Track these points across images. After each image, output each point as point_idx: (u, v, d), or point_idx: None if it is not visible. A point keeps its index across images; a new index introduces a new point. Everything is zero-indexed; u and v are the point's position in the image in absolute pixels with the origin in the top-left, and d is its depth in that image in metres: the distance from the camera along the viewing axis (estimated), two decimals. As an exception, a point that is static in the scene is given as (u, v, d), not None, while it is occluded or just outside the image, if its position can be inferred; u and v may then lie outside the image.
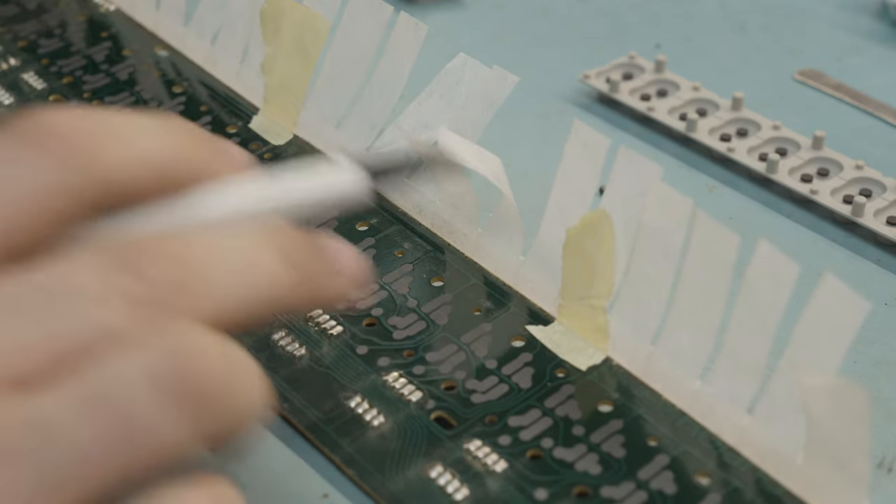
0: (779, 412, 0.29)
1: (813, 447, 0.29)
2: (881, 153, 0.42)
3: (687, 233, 0.30)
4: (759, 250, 0.29)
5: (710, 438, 0.31)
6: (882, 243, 0.39)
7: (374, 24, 0.38)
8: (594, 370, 0.32)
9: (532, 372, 0.32)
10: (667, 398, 0.32)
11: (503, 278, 0.35)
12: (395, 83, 0.38)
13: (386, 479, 0.30)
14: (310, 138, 0.40)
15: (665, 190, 0.31)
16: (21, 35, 0.46)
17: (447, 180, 0.36)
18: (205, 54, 0.44)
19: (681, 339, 0.31)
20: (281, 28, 0.40)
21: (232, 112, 0.42)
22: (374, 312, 0.34)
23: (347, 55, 0.39)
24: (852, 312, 0.27)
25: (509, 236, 0.35)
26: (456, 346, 0.33)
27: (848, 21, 0.50)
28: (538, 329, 0.34)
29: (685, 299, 0.31)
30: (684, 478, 0.30)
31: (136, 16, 0.46)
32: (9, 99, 0.43)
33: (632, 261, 0.32)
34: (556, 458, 0.30)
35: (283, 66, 0.40)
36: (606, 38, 0.49)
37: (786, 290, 0.28)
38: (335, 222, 0.37)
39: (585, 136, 0.33)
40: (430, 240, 0.37)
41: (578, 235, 0.32)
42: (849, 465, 0.28)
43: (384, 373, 0.33)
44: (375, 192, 0.28)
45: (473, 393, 0.32)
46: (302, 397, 0.32)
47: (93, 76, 0.44)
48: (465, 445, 0.31)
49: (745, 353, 0.30)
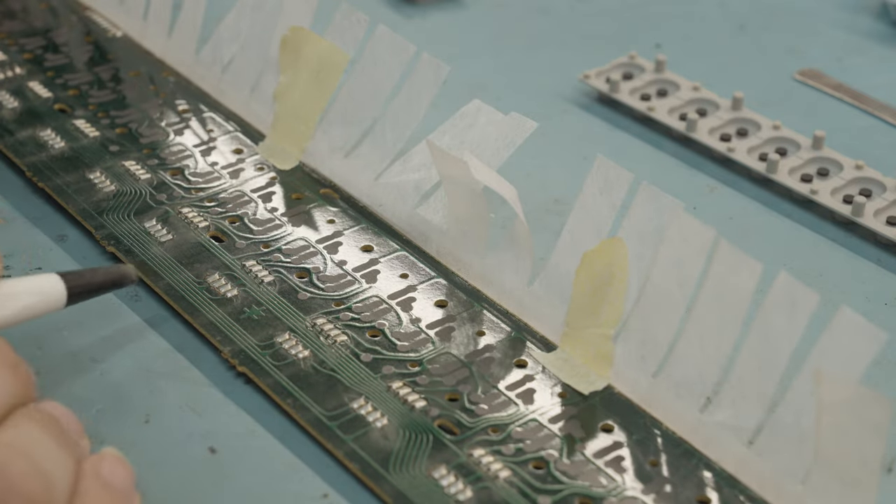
0: (782, 441, 0.30)
1: (819, 468, 0.29)
2: (881, 153, 0.42)
3: (706, 262, 0.31)
4: (778, 280, 0.29)
5: (710, 465, 0.31)
6: (882, 243, 0.39)
7: (395, 63, 0.39)
8: (596, 395, 0.33)
9: (534, 393, 0.33)
10: (668, 427, 0.32)
11: (507, 306, 0.36)
12: (410, 120, 0.39)
13: (389, 474, 0.30)
14: (316, 166, 0.41)
15: (687, 220, 0.31)
16: (27, 48, 0.46)
17: (461, 202, 0.36)
18: (214, 82, 0.44)
19: (687, 369, 0.32)
20: (300, 58, 0.40)
21: (239, 136, 0.42)
22: (379, 325, 0.35)
23: (363, 89, 0.40)
24: (867, 343, 0.28)
25: (517, 260, 0.35)
26: (460, 363, 0.34)
27: (848, 21, 0.50)
28: (541, 354, 0.34)
29: (697, 328, 0.31)
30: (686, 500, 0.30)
31: (144, 42, 0.46)
32: (13, 103, 0.43)
33: (644, 291, 0.32)
34: (559, 470, 0.31)
35: (297, 94, 0.41)
36: (606, 38, 0.49)
37: (803, 321, 0.29)
38: (340, 244, 0.37)
39: (608, 172, 0.33)
40: (435, 266, 0.37)
41: (593, 261, 0.33)
42: (858, 479, 0.28)
43: (388, 380, 0.33)
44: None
45: (477, 405, 0.32)
46: (306, 395, 0.32)
47: (99, 91, 0.44)
48: (469, 451, 0.31)
49: (754, 383, 0.30)
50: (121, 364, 0.34)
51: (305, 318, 0.34)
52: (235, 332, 0.34)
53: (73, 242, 0.38)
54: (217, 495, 0.31)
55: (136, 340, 0.35)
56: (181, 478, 0.31)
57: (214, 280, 0.36)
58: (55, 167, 0.40)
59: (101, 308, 0.35)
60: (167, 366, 0.34)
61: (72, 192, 0.39)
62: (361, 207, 0.39)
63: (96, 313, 0.35)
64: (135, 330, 0.35)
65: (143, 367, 0.34)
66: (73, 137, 0.41)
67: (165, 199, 0.39)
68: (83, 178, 0.39)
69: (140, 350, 0.34)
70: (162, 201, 0.39)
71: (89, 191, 0.39)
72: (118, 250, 0.37)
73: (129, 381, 0.34)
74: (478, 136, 0.37)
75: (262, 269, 0.36)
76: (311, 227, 0.38)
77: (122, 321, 0.35)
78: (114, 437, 0.31)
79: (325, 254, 0.37)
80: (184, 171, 0.40)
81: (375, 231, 0.38)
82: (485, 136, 0.37)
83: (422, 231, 0.38)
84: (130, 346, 0.35)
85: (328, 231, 0.38)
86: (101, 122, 0.42)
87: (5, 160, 0.41)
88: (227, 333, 0.34)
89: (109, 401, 0.33)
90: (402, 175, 0.38)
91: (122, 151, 0.41)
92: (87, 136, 0.41)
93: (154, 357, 0.34)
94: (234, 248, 0.37)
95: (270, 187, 0.40)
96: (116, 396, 0.33)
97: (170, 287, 0.35)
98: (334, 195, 0.39)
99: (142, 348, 0.35)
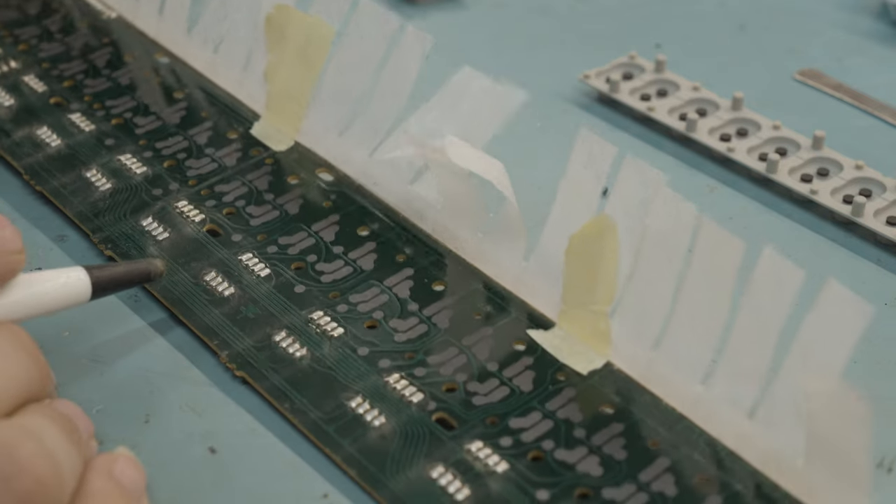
0: (780, 417, 0.30)
1: (814, 451, 0.29)
2: (881, 153, 0.42)
3: (691, 238, 0.30)
4: (764, 256, 0.29)
5: (710, 442, 0.31)
6: (882, 243, 0.39)
7: (379, 35, 0.38)
8: (595, 374, 0.33)
9: (533, 375, 0.33)
10: (667, 402, 0.32)
11: (504, 284, 0.35)
12: (399, 94, 0.38)
13: (387, 478, 0.30)
14: (311, 145, 0.40)
15: (670, 195, 0.31)
16: (22, 38, 0.46)
17: (450, 184, 0.36)
18: (207, 61, 0.44)
19: (682, 344, 0.31)
20: (286, 35, 0.40)
21: (233, 117, 0.42)
22: (376, 315, 0.34)
23: (352, 65, 0.39)
24: (856, 316, 0.27)
25: (512, 239, 0.35)
26: (457, 349, 0.33)
27: (848, 21, 0.50)
28: (539, 333, 0.34)
29: (688, 304, 0.31)
30: (685, 480, 0.30)
31: (137, 23, 0.46)
32: (9, 101, 0.43)
33: (635, 266, 0.32)
34: (557, 460, 0.30)
35: (286, 73, 0.40)
36: (606, 38, 0.49)
37: (789, 297, 0.29)
38: (337, 227, 0.37)
39: (591, 144, 0.33)
40: (431, 245, 0.37)
41: (581, 241, 0.33)
42: (849, 468, 0.28)
43: (385, 374, 0.33)
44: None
45: (475, 395, 0.32)
46: (303, 397, 0.32)
47: (94, 80, 0.44)
48: (467, 446, 0.31)
49: (747, 358, 0.30)
50: (121, 364, 0.34)
51: (301, 313, 0.34)
52: (232, 335, 0.34)
53: (72, 242, 0.38)
54: (217, 495, 0.31)
55: (136, 340, 0.35)
56: (181, 478, 0.31)
57: (212, 279, 0.36)
58: (52, 168, 0.40)
59: (102, 308, 0.35)
60: (167, 366, 0.34)
61: (68, 193, 0.39)
62: (357, 187, 0.39)
63: (96, 313, 0.35)
64: (135, 330, 0.35)
65: (143, 367, 0.34)
66: (68, 133, 0.41)
67: (161, 194, 0.39)
68: (79, 178, 0.39)
69: (140, 350, 0.34)
70: (158, 196, 0.39)
71: (86, 190, 0.39)
72: (116, 254, 0.37)
73: (129, 381, 0.34)
74: (469, 106, 0.36)
75: (259, 261, 0.36)
76: (308, 211, 0.38)
77: (122, 321, 0.35)
78: (114, 437, 0.32)
79: (321, 240, 0.37)
80: (179, 160, 0.40)
81: (371, 212, 0.38)
82: (476, 107, 0.36)
83: (417, 209, 0.37)
84: (130, 346, 0.35)
85: (324, 215, 0.38)
86: (96, 114, 0.42)
87: (3, 161, 0.41)
88: (224, 337, 0.34)
89: (109, 401, 0.33)
90: (396, 151, 0.38)
91: (117, 145, 0.41)
92: (82, 131, 0.41)
93: (154, 357, 0.34)
94: (231, 241, 0.37)
95: (266, 172, 0.39)
96: (116, 396, 0.33)
97: (167, 290, 0.35)
98: (330, 175, 0.39)
99: (142, 348, 0.35)
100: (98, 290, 0.33)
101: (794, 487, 0.29)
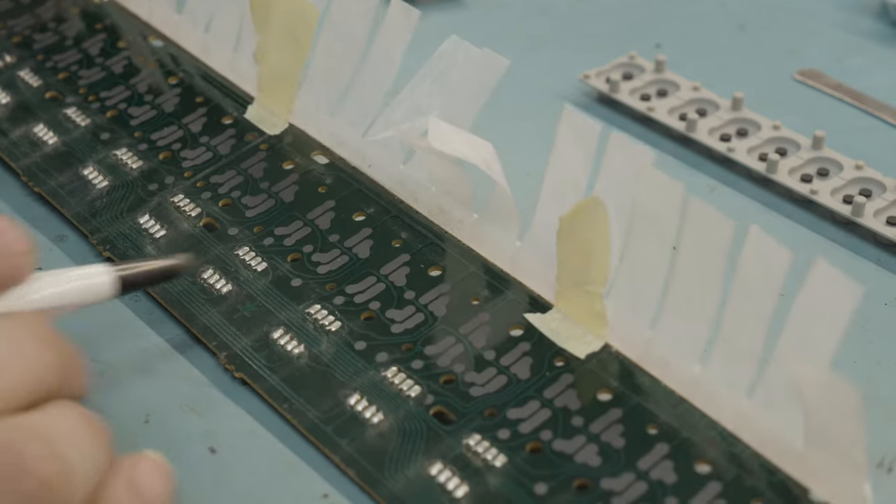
0: (777, 398, 0.29)
1: (811, 434, 0.28)
2: (881, 153, 0.42)
3: (680, 218, 0.30)
4: (751, 237, 0.29)
5: (710, 425, 0.30)
6: (882, 243, 0.39)
7: (363, 10, 0.38)
8: (593, 357, 0.32)
9: (531, 362, 0.32)
10: (666, 384, 0.31)
11: (500, 265, 0.35)
12: (388, 69, 0.38)
13: (386, 478, 0.30)
14: (305, 127, 0.40)
15: (656, 175, 0.30)
16: (16, 30, 0.46)
17: (439, 168, 0.36)
18: (199, 43, 0.44)
19: (678, 326, 0.31)
20: (271, 17, 0.39)
21: (227, 101, 0.42)
22: (372, 306, 0.34)
23: (339, 42, 0.39)
24: (846, 296, 0.27)
25: (504, 223, 0.35)
26: (454, 337, 0.33)
27: (848, 21, 0.50)
28: (536, 317, 0.33)
29: (681, 285, 0.31)
30: (684, 466, 0.30)
31: (129, 5, 0.46)
32: (6, 98, 0.43)
33: (627, 246, 0.31)
34: (555, 451, 0.30)
35: (275, 54, 0.40)
36: (606, 38, 0.49)
37: (779, 277, 0.28)
38: (332, 213, 0.37)
39: (576, 122, 0.32)
40: (427, 228, 0.36)
41: (571, 222, 0.32)
42: (846, 452, 0.28)
43: (383, 368, 0.33)
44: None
45: (472, 386, 0.32)
46: (301, 397, 0.32)
47: (88, 70, 0.44)
48: (465, 441, 0.31)
49: (742, 340, 0.30)
50: (121, 364, 0.34)
51: (298, 308, 0.34)
52: (231, 335, 0.34)
53: (72, 243, 0.38)
54: (217, 495, 0.31)
55: (136, 340, 0.35)
56: (181, 478, 0.31)
57: (209, 276, 0.36)
58: (49, 167, 0.40)
59: (101, 308, 0.35)
60: (167, 366, 0.34)
61: (66, 193, 0.39)
62: (352, 169, 0.38)
63: (96, 313, 0.35)
64: (134, 330, 0.35)
65: (143, 368, 0.34)
66: (64, 129, 0.41)
67: (157, 189, 0.38)
68: (77, 177, 0.39)
69: (140, 350, 0.34)
70: (154, 191, 0.38)
71: (83, 190, 0.39)
72: (114, 255, 0.37)
73: (129, 382, 0.34)
74: (457, 78, 0.36)
75: (255, 255, 0.36)
76: (303, 198, 0.38)
77: (122, 321, 0.35)
78: (114, 437, 0.31)
79: (317, 229, 0.37)
80: (174, 151, 0.40)
81: (367, 195, 0.37)
82: (464, 78, 0.36)
83: (411, 190, 0.37)
84: (130, 346, 0.35)
85: (319, 201, 0.37)
86: (91, 107, 0.42)
87: (1, 162, 0.41)
88: (223, 338, 0.34)
89: (109, 401, 0.33)
90: (388, 130, 0.37)
91: (112, 139, 0.41)
92: (78, 126, 0.41)
93: (154, 357, 0.34)
94: (227, 236, 0.37)
95: (261, 158, 0.39)
96: (116, 396, 0.33)
97: (165, 290, 0.35)
98: (325, 158, 0.39)
99: (142, 348, 0.35)
100: (123, 287, 0.32)
101: (794, 469, 0.29)
